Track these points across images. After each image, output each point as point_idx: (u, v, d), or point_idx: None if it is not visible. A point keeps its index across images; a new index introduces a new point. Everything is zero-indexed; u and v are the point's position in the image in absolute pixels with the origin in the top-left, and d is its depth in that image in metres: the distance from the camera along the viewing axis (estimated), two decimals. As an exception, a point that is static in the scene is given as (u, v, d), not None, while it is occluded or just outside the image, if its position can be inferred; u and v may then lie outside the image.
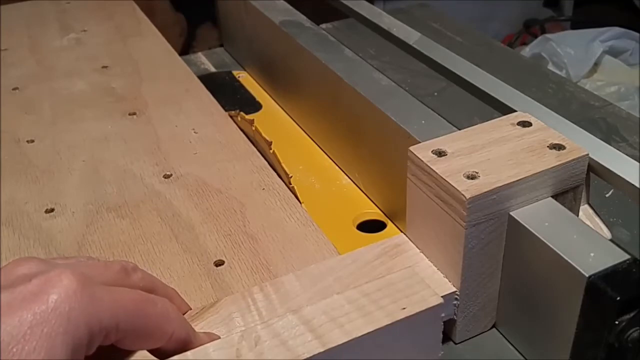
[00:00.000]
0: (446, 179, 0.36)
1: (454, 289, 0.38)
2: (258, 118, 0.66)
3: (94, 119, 0.60)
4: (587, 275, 0.32)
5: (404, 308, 0.33)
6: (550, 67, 1.18)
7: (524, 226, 0.36)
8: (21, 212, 0.48)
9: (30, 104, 0.63)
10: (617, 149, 0.40)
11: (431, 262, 0.41)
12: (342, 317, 0.32)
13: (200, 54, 0.81)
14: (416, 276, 0.35)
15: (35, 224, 0.47)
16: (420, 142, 0.41)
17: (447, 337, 0.41)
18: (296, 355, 0.31)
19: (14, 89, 0.65)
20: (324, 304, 0.33)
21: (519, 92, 0.48)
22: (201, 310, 0.36)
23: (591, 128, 0.52)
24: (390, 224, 0.51)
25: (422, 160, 0.38)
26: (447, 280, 0.39)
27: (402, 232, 0.50)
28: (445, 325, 0.42)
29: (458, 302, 0.39)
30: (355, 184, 0.56)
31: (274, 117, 0.66)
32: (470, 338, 0.41)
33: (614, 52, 1.23)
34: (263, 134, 0.61)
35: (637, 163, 0.39)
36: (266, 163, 0.54)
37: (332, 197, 0.55)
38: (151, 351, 0.31)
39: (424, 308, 0.33)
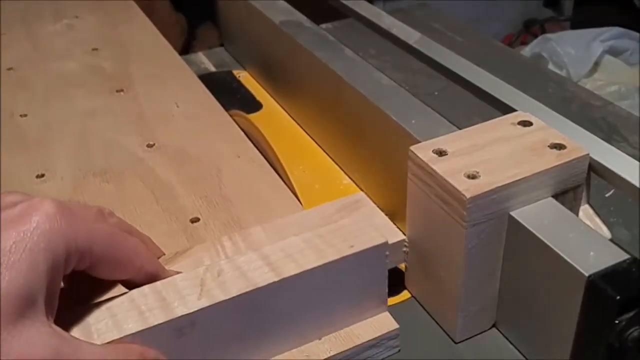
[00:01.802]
0: (446, 179, 0.36)
1: (403, 237, 0.42)
2: (258, 118, 0.66)
3: (84, 95, 0.64)
4: (587, 275, 0.32)
5: (352, 246, 0.37)
6: (551, 66, 1.18)
7: (524, 226, 0.36)
8: (13, 177, 0.52)
9: (24, 83, 0.67)
10: (618, 149, 0.40)
11: (431, 262, 0.41)
12: (297, 253, 0.36)
13: (200, 54, 0.81)
14: (365, 221, 0.38)
15: (27, 188, 0.50)
16: (420, 142, 0.41)
17: (447, 336, 0.42)
18: (254, 284, 0.34)
19: (9, 69, 0.69)
20: (282, 244, 0.37)
21: (519, 91, 0.48)
22: (174, 255, 0.39)
23: (591, 128, 0.52)
24: (390, 224, 0.51)
25: (422, 160, 0.38)
26: (398, 230, 0.43)
27: (402, 232, 0.50)
28: (446, 325, 0.42)
29: (407, 250, 0.43)
30: (356, 184, 0.56)
31: (274, 116, 0.66)
32: (470, 337, 0.41)
33: (614, 52, 1.23)
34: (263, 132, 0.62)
35: (638, 163, 0.39)
36: (242, 134, 0.58)
37: (333, 197, 0.54)
38: (122, 283, 0.35)
39: (369, 246, 0.37)
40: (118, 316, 0.33)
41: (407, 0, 0.98)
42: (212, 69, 0.77)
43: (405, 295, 0.45)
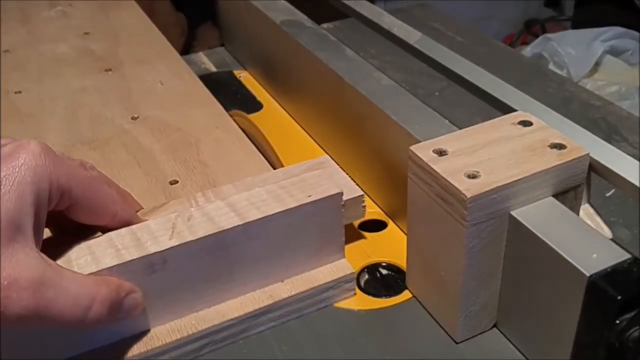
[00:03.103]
0: (447, 179, 0.36)
1: (362, 193, 0.46)
2: (259, 117, 0.66)
3: (75, 75, 0.69)
4: (587, 275, 0.32)
5: (310, 195, 0.41)
6: (551, 66, 1.18)
7: (524, 225, 0.36)
8: None
9: (19, 64, 0.71)
10: (618, 149, 0.40)
11: (431, 262, 0.41)
12: (260, 202, 0.40)
13: (201, 54, 0.81)
14: (324, 175, 0.43)
15: None
16: (420, 142, 0.41)
17: (448, 336, 0.42)
18: (220, 227, 0.38)
19: (5, 51, 0.74)
20: (248, 194, 0.41)
21: (519, 91, 0.48)
22: (152, 209, 0.43)
23: (592, 127, 0.52)
24: (391, 223, 0.51)
25: (422, 160, 0.38)
26: (357, 187, 0.47)
27: (402, 231, 0.50)
28: (447, 325, 0.42)
29: (365, 204, 0.46)
30: (356, 183, 0.56)
31: (275, 116, 0.66)
32: (470, 337, 0.41)
33: (615, 52, 1.23)
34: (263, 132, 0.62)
35: (638, 162, 0.39)
36: (222, 109, 0.62)
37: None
38: (99, 229, 0.38)
39: (325, 195, 0.41)
40: (96, 253, 0.36)
41: (408, 0, 0.98)
42: (213, 69, 0.77)
43: (406, 295, 0.45)
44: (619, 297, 0.31)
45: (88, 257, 0.36)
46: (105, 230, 0.38)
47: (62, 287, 0.32)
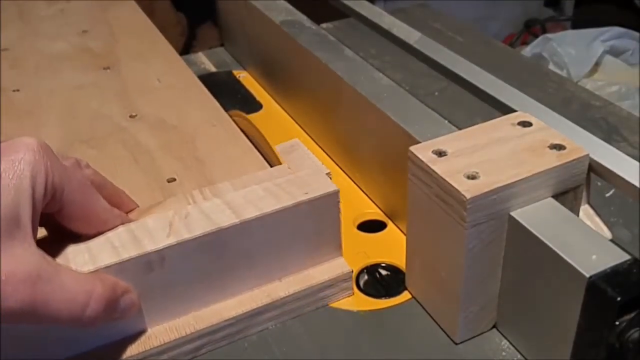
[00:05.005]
0: (446, 179, 0.36)
1: (328, 171, 0.45)
2: (259, 118, 0.66)
3: (72, 72, 0.69)
4: (587, 276, 0.32)
5: (306, 193, 0.40)
6: (551, 66, 1.18)
7: (524, 226, 0.36)
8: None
9: (17, 62, 0.71)
10: (618, 149, 0.40)
11: (431, 263, 0.41)
12: (257, 199, 0.40)
13: (200, 54, 0.81)
14: (320, 173, 0.43)
15: None
16: (420, 142, 0.41)
17: (447, 337, 0.42)
18: (217, 225, 0.38)
19: (4, 49, 0.74)
20: (244, 192, 0.41)
21: (519, 92, 0.48)
22: (149, 207, 0.42)
23: (592, 128, 0.52)
24: (390, 224, 0.51)
25: (422, 160, 0.38)
26: (325, 167, 0.47)
27: (402, 232, 0.50)
28: (446, 326, 0.42)
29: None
30: (356, 184, 0.56)
31: (274, 116, 0.66)
32: (470, 338, 0.41)
33: (615, 52, 1.23)
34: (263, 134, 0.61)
35: (638, 163, 0.39)
36: (218, 105, 0.61)
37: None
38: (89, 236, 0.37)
39: (321, 193, 0.41)
40: (94, 251, 0.36)
41: (408, 0, 0.98)
42: (213, 69, 0.77)
43: (405, 296, 0.45)
44: (619, 298, 0.31)
45: (85, 255, 0.36)
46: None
47: (59, 282, 0.32)
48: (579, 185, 0.39)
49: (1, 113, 0.61)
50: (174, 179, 0.51)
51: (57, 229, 0.37)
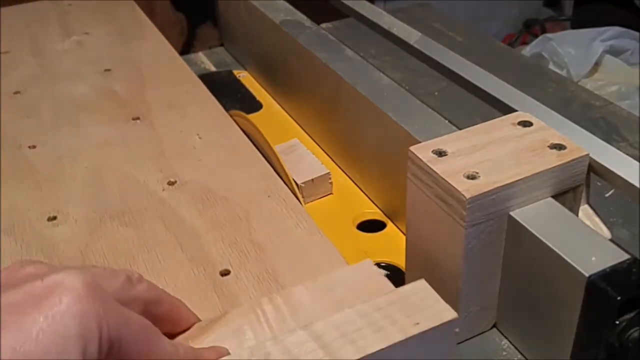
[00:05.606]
0: (446, 179, 0.36)
1: (328, 171, 0.43)
2: (259, 117, 0.66)
3: (97, 123, 0.59)
4: (587, 275, 0.32)
5: (417, 323, 0.31)
6: (551, 66, 1.18)
7: (524, 226, 0.36)
8: (23, 219, 0.47)
9: (31, 108, 0.61)
10: (618, 149, 0.40)
11: (431, 262, 0.41)
12: (354, 332, 0.31)
13: (200, 54, 0.81)
14: (429, 290, 0.33)
15: (37, 232, 0.46)
16: (420, 142, 0.41)
17: (447, 337, 0.42)
18: None
19: (16, 92, 0.64)
20: (336, 319, 0.32)
21: (519, 91, 0.48)
22: (210, 322, 0.35)
23: (592, 128, 0.52)
24: (390, 224, 0.51)
25: (422, 160, 0.38)
26: (324, 167, 0.48)
27: (401, 232, 0.50)
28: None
29: (331, 181, 0.46)
30: (355, 184, 0.56)
31: (274, 116, 0.66)
32: (470, 338, 0.41)
33: (615, 52, 1.23)
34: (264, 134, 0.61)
35: (638, 163, 0.39)
36: (272, 170, 0.52)
37: (332, 197, 0.55)
38: None
39: (437, 323, 0.31)
40: None
41: (408, 0, 0.98)
42: (212, 68, 0.77)
43: (405, 295, 0.45)
44: (619, 298, 0.31)
45: None
46: None
47: None
48: (578, 185, 0.39)
49: (16, 175, 0.52)
50: (229, 272, 0.42)
51: None
